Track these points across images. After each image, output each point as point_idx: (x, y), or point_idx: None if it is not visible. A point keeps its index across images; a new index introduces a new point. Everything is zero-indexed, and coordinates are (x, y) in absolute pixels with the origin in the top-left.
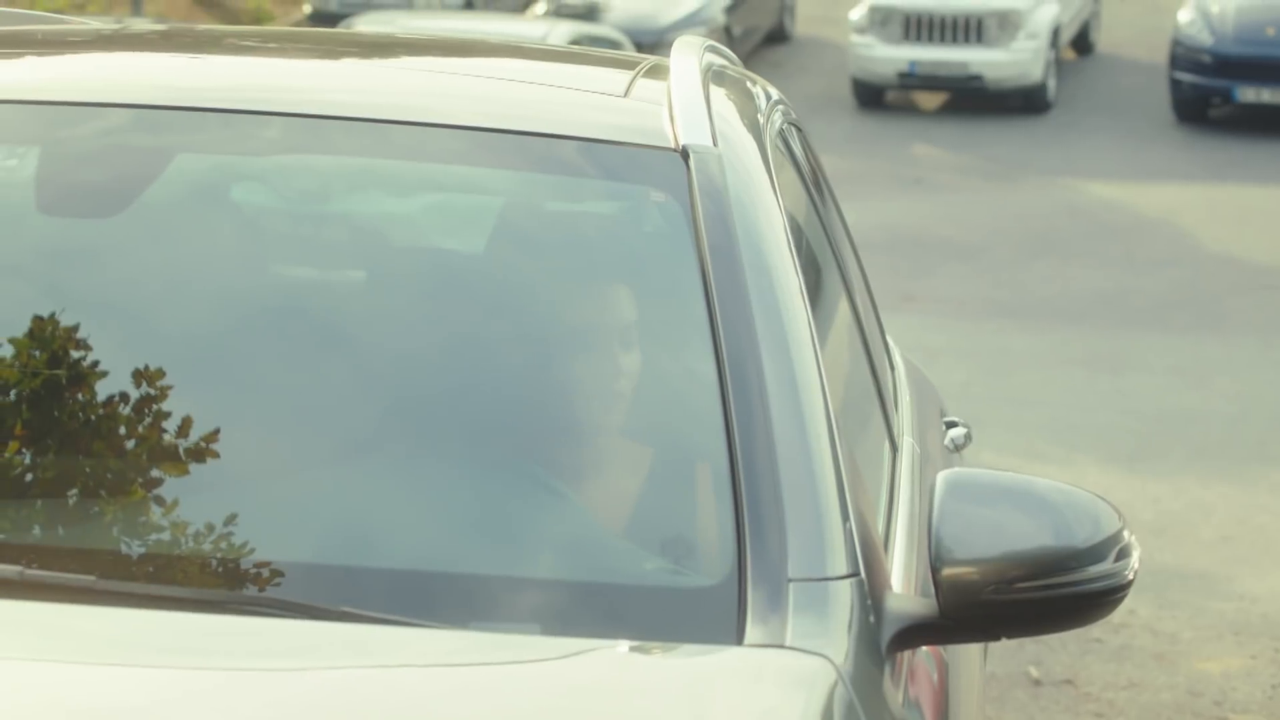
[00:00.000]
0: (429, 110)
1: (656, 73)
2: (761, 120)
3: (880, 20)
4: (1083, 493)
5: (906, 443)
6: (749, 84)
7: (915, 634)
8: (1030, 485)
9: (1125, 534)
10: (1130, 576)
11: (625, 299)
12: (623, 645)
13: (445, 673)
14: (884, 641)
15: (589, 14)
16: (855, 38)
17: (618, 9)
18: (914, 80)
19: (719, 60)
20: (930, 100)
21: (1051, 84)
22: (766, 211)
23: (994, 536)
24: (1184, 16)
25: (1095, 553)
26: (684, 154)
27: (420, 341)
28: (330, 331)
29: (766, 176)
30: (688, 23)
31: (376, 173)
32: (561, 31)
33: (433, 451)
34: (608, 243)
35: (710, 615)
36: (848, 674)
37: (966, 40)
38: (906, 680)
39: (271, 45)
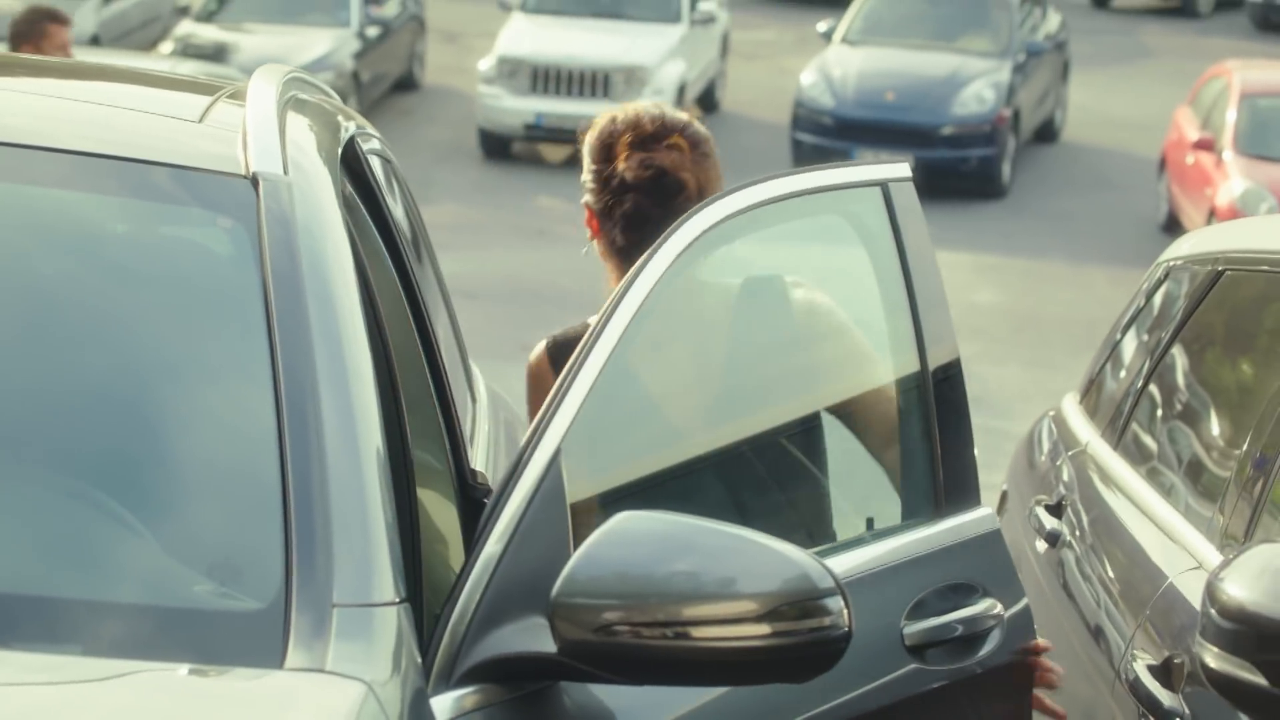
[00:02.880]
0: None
1: (236, 99)
2: (340, 150)
3: (509, 71)
4: (765, 544)
5: (480, 475)
6: (334, 114)
7: (523, 666)
8: (699, 532)
9: (808, 598)
10: (786, 641)
11: (186, 325)
12: (181, 669)
13: None
14: (460, 669)
15: (217, 55)
16: (483, 88)
17: (246, 51)
18: (540, 132)
19: (302, 89)
20: (556, 152)
21: None
22: (334, 242)
23: (618, 578)
24: (806, 78)
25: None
26: (254, 181)
27: None
28: None
29: (338, 207)
30: (315, 67)
31: None
32: (187, 71)
33: None
34: (173, 269)
35: (256, 638)
36: (388, 700)
37: (594, 94)
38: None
39: None
